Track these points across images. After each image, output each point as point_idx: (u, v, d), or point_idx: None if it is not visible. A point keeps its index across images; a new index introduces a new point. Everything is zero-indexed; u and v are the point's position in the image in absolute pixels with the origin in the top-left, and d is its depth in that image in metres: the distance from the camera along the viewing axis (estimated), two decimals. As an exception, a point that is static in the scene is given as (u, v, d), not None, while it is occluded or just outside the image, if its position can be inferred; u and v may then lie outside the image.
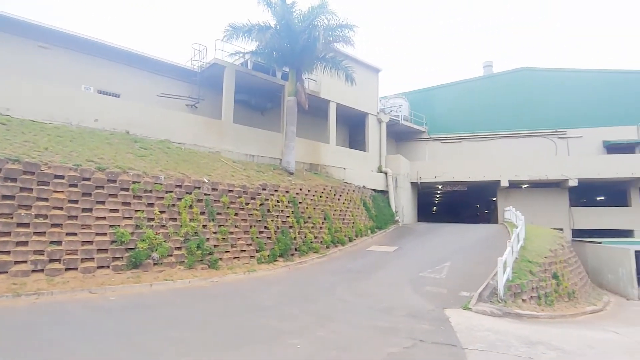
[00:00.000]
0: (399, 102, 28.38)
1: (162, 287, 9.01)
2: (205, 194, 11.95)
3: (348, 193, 19.13)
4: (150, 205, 10.47)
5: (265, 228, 13.16)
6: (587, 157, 25.19)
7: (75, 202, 9.23)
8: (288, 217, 14.25)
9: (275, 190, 14.47)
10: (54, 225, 8.68)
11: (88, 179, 9.65)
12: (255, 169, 15.90)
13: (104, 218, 9.47)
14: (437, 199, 38.76)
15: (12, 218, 8.17)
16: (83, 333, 5.67)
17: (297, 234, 14.12)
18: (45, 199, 8.79)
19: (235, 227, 12.24)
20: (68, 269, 8.46)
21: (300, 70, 17.59)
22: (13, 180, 8.50)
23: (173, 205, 10.92)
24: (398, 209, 23.34)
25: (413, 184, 26.25)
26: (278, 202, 14.20)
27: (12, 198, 8.34)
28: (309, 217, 15.23)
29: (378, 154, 24.53)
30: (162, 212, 10.58)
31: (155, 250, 9.78)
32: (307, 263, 13.34)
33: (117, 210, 9.77)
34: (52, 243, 8.47)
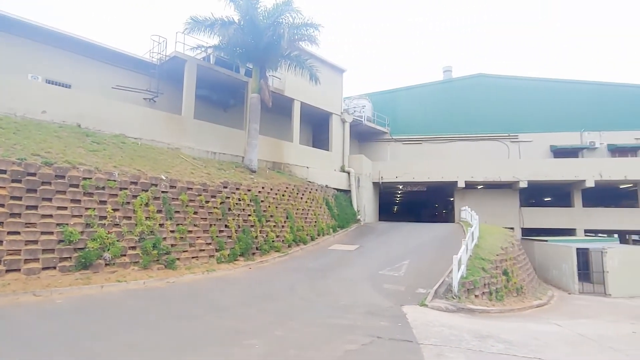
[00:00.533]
0: (363, 102, 28.73)
1: (114, 288, 8.60)
2: (163, 192, 11.52)
3: (311, 192, 19.16)
4: (103, 203, 9.95)
5: (226, 227, 12.90)
6: (536, 160, 26.84)
7: (19, 198, 8.58)
8: (250, 215, 14.06)
9: (237, 189, 14.22)
10: (-6, 224, 8.04)
11: (33, 174, 9.01)
12: (217, 167, 15.55)
13: (51, 216, 8.88)
14: (398, 199, 39.70)
15: (-57, 216, 7.51)
16: (24, 340, 5.28)
17: (258, 233, 13.95)
18: (-16, 196, 8.13)
19: (195, 225, 11.91)
20: (10, 271, 7.85)
21: (265, 68, 17.38)
22: (-55, 175, 7.81)
23: (128, 203, 10.44)
24: (360, 208, 23.66)
25: (375, 184, 26.70)
26: (239, 200, 13.97)
27: (-57, 194, 7.66)
28: (271, 215, 15.11)
29: (341, 154, 24.75)
30: (115, 210, 10.08)
31: (108, 250, 9.31)
32: (268, 262, 13.23)
33: (65, 208, 9.19)
34: (-10, 243, 7.85)
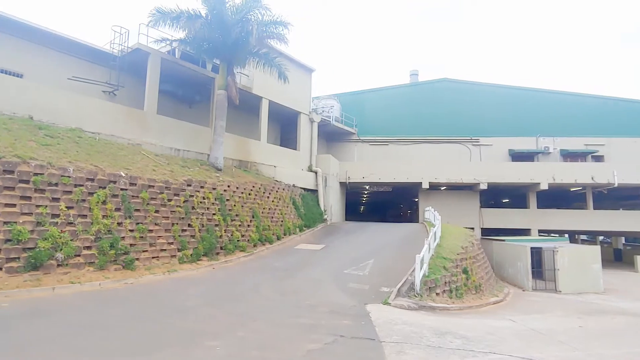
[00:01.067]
0: (331, 103, 28.88)
1: (66, 290, 8.16)
2: (122, 189, 11.04)
3: (278, 191, 19.03)
4: (56, 200, 9.39)
5: (189, 226, 12.56)
6: (495, 163, 28.09)
7: (-41, 194, 7.99)
8: (214, 214, 13.76)
9: (201, 187, 13.87)
10: None
11: (-23, 169, 8.41)
12: (180, 164, 15.11)
13: (-3, 214, 8.32)
14: (364, 199, 40.26)
15: None
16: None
17: (223, 232, 13.69)
18: None
19: (156, 224, 11.50)
20: (-53, 273, 7.30)
21: (232, 64, 17.06)
22: None
23: (83, 201, 9.92)
24: (327, 208, 23.77)
25: (342, 184, 26.92)
26: (204, 199, 13.64)
27: None
28: (237, 214, 14.87)
29: (309, 153, 24.75)
30: (69, 207, 9.55)
31: (60, 250, 8.81)
32: (233, 262, 13.01)
33: (14, 205, 8.61)
34: None
